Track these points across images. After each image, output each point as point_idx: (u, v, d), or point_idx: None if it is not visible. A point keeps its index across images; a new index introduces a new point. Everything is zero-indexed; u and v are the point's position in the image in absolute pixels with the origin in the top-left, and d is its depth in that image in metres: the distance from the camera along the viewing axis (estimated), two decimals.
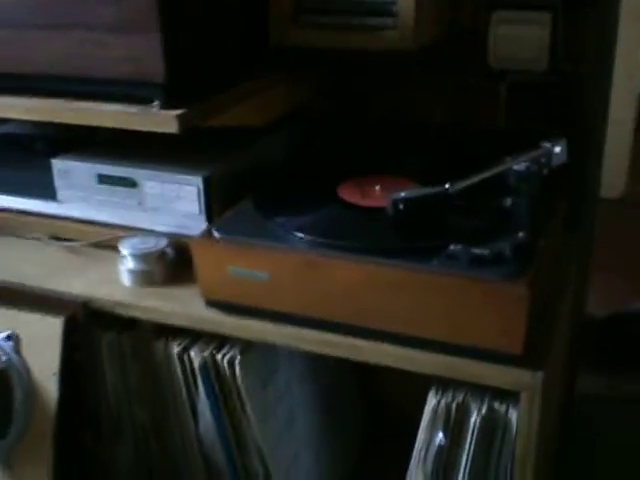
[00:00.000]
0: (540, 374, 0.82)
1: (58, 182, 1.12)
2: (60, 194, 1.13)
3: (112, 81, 0.95)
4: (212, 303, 0.95)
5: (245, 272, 0.89)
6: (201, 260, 0.92)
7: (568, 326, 1.12)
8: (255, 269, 0.89)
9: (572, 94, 1.12)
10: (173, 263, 1.04)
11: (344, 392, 1.29)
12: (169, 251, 1.05)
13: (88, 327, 1.03)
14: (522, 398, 0.83)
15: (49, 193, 1.13)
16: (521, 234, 0.86)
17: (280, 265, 0.88)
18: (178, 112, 0.92)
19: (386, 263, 0.84)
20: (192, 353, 1.01)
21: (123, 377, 1.09)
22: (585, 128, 1.12)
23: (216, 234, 0.92)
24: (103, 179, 1.09)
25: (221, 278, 0.91)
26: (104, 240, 1.10)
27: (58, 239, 1.14)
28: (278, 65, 1.14)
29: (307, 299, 0.88)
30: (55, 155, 1.12)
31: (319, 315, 0.89)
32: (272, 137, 1.17)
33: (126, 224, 1.10)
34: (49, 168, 1.12)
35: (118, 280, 1.04)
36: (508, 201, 0.94)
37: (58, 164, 1.11)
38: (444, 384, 0.91)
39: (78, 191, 1.11)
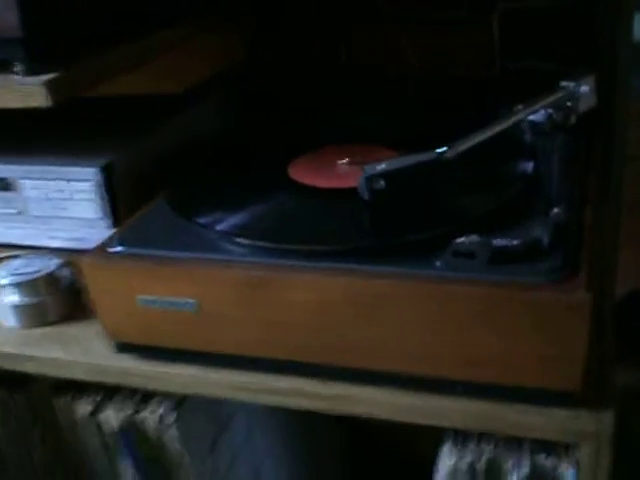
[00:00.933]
0: (608, 417, 0.55)
1: None
2: None
3: None
4: (122, 347, 0.67)
5: (162, 301, 0.61)
6: (98, 288, 0.63)
7: None
8: (176, 295, 0.61)
9: (585, 18, 0.85)
10: (71, 290, 0.76)
11: (324, 436, 1.01)
12: (64, 274, 0.76)
13: None
14: (583, 451, 0.56)
15: None
16: (557, 210, 0.59)
17: (211, 287, 0.60)
18: (47, 78, 0.64)
19: (366, 272, 0.56)
20: (107, 414, 0.73)
21: (25, 447, 0.81)
22: (605, 62, 0.85)
23: (117, 248, 0.63)
24: None
25: (129, 311, 0.63)
26: None
27: None
28: (200, 10, 0.84)
29: (254, 333, 0.60)
30: None
31: (277, 355, 0.61)
32: (196, 107, 0.88)
33: (4, 241, 0.81)
34: None
35: None
36: (528, 166, 0.67)
37: None
38: (463, 434, 0.64)
39: None
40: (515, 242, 0.56)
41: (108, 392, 0.75)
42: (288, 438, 0.92)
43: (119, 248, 0.63)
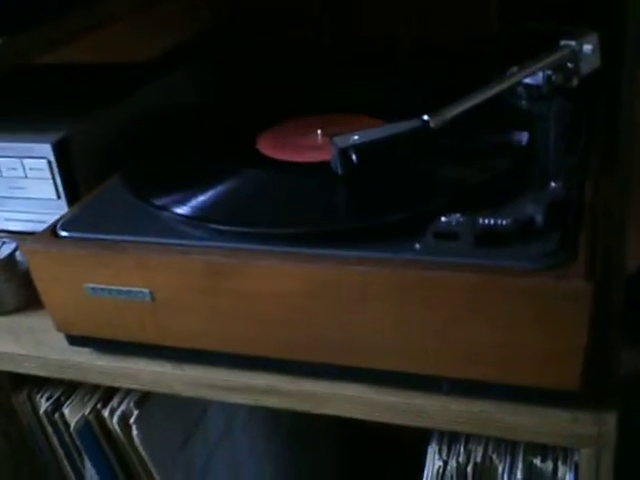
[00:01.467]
0: (612, 419, 0.49)
1: None
2: None
3: None
4: (74, 340, 0.60)
5: (113, 290, 0.55)
6: (44, 276, 0.57)
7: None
8: (128, 284, 0.54)
9: None
10: (29, 277, 0.69)
11: (313, 430, 0.94)
12: (22, 260, 0.70)
13: None
14: (583, 455, 0.50)
15: None
16: (554, 185, 0.52)
17: (167, 275, 0.53)
18: None
19: (336, 257, 0.49)
20: (66, 411, 0.67)
21: None
22: (612, 19, 0.77)
23: (62, 233, 0.57)
24: None
25: (79, 302, 0.57)
26: None
27: None
28: None
29: (217, 326, 0.54)
30: None
31: (241, 350, 0.55)
32: (165, 75, 0.81)
33: None
34: None
35: None
36: (523, 135, 0.60)
37: None
38: (450, 434, 0.57)
39: None
40: (505, 221, 0.49)
41: (69, 387, 0.69)
42: (272, 433, 0.85)
43: (64, 233, 0.56)
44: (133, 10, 0.73)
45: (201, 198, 0.56)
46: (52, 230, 0.57)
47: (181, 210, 0.55)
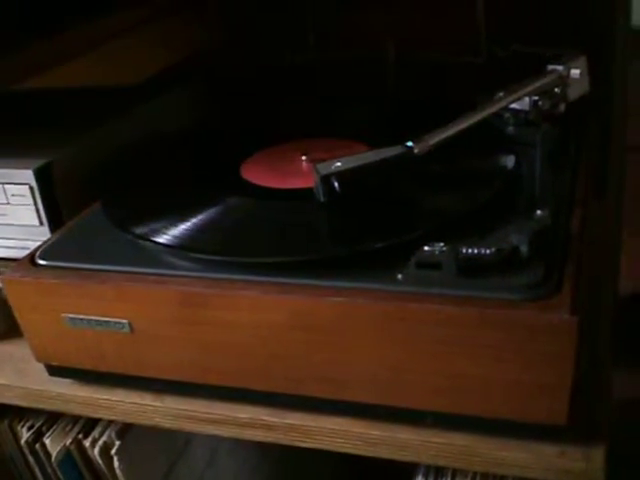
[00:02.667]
0: (599, 454, 0.47)
1: None
2: None
3: None
4: (54, 371, 0.59)
5: (92, 321, 0.54)
6: (22, 306, 0.56)
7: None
8: (107, 315, 0.53)
9: None
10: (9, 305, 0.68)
11: (302, 455, 0.93)
12: (1, 286, 0.69)
13: None
14: None
15: None
16: (540, 213, 0.51)
17: (145, 306, 0.52)
18: None
19: (316, 288, 0.48)
20: (47, 441, 0.65)
21: None
22: (601, 39, 0.77)
23: (40, 262, 0.56)
24: None
25: (57, 332, 0.56)
26: None
27: None
28: None
29: (198, 357, 0.53)
30: None
31: (223, 381, 0.54)
32: (152, 102, 0.80)
33: None
34: None
35: None
36: (509, 161, 0.59)
37: None
38: (436, 467, 0.56)
39: None
40: (489, 251, 0.48)
41: (50, 416, 0.68)
42: (260, 460, 0.84)
43: (42, 261, 0.55)
44: (122, 33, 0.73)
45: (182, 227, 0.55)
46: (30, 258, 0.56)
47: (161, 239, 0.54)
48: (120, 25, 0.73)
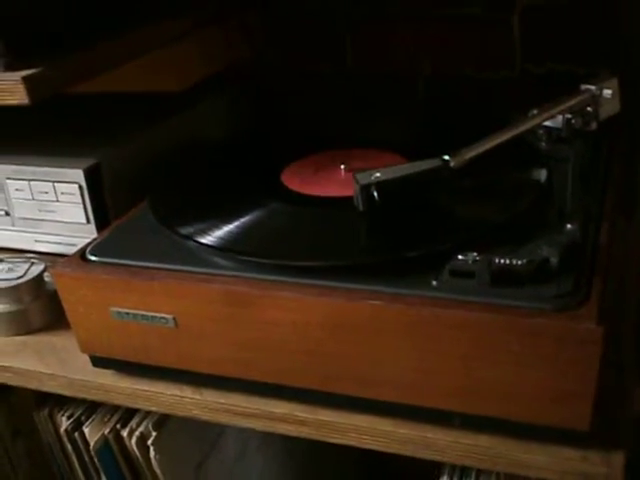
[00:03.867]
0: (619, 459, 0.50)
1: None
2: None
3: None
4: (98, 361, 0.62)
5: (138, 315, 0.57)
6: (71, 299, 0.59)
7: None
8: (153, 310, 0.56)
9: (613, 17, 0.79)
10: (56, 298, 0.71)
11: (330, 452, 0.95)
12: (49, 280, 0.72)
13: None
14: None
15: None
16: (570, 227, 0.53)
17: (190, 303, 0.55)
18: (26, 73, 0.61)
19: (353, 291, 0.51)
20: (87, 430, 0.68)
21: (8, 459, 0.78)
22: (634, 62, 0.79)
23: (90, 258, 0.59)
24: None
25: (104, 325, 0.59)
26: None
27: None
28: (200, 3, 0.80)
29: (237, 353, 0.56)
30: None
31: (260, 377, 0.57)
32: (195, 106, 0.83)
33: None
34: None
35: None
36: (542, 176, 0.62)
37: None
38: (461, 468, 0.58)
39: None
40: (520, 262, 0.50)
41: (90, 406, 0.71)
42: (287, 458, 0.87)
43: (93, 257, 0.58)
44: (167, 41, 0.76)
45: (225, 229, 0.58)
46: (81, 254, 0.59)
47: (206, 240, 0.57)
48: (165, 34, 0.76)
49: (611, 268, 0.54)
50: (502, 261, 0.50)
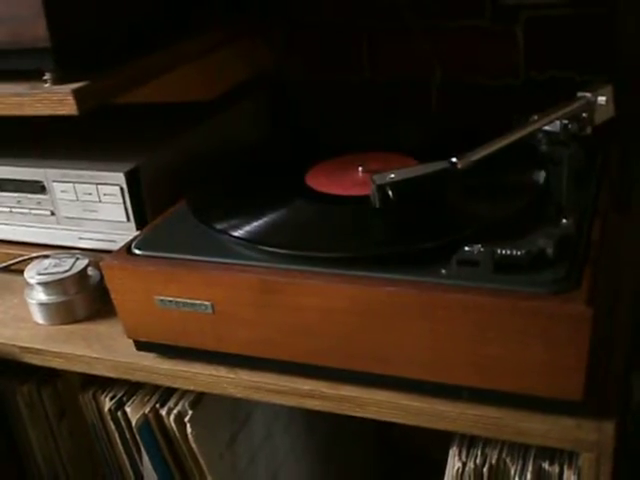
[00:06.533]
0: (609, 427, 0.56)
1: None
2: None
3: None
4: (141, 345, 0.69)
5: (179, 303, 0.63)
6: (118, 289, 0.66)
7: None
8: (193, 298, 0.63)
9: (609, 27, 0.85)
10: (99, 289, 0.78)
11: (349, 432, 1.02)
12: (93, 274, 0.79)
13: None
14: (584, 460, 0.57)
15: None
16: (565, 222, 0.60)
17: (227, 291, 0.62)
18: (75, 86, 0.68)
19: (372, 279, 0.57)
20: (128, 409, 0.75)
21: (54, 439, 0.84)
22: (630, 71, 0.85)
23: (136, 251, 0.65)
24: (4, 185, 0.83)
25: (148, 312, 0.65)
26: (12, 264, 0.84)
27: None
28: (228, 18, 0.87)
29: (269, 336, 0.63)
30: None
31: (288, 357, 0.63)
32: (224, 114, 0.90)
33: (38, 241, 0.84)
34: None
35: (29, 317, 0.78)
36: (541, 176, 0.68)
37: None
38: (470, 438, 0.65)
39: None
40: (520, 252, 0.56)
41: (131, 388, 0.78)
42: (310, 438, 0.93)
43: (138, 251, 0.65)
44: (199, 54, 0.83)
45: (258, 224, 0.65)
46: (127, 248, 0.66)
47: (239, 234, 0.64)
48: (198, 48, 0.83)
49: (604, 258, 0.60)
50: (504, 251, 0.56)
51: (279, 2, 0.94)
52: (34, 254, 0.82)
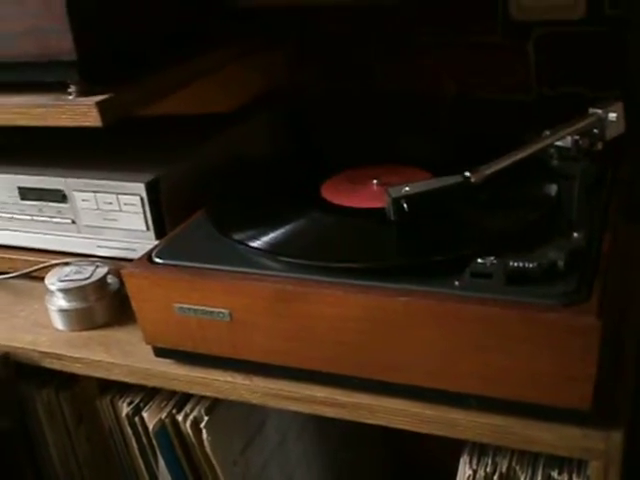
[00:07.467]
0: (617, 436, 0.57)
1: None
2: None
3: (12, 65, 0.72)
4: (160, 352, 0.71)
5: (198, 310, 0.65)
6: (139, 296, 0.68)
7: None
8: (211, 306, 0.65)
9: (620, 45, 0.87)
10: (118, 297, 0.80)
11: (360, 441, 1.04)
12: (112, 281, 0.81)
13: (13, 386, 0.80)
14: (592, 469, 0.59)
15: None
16: (576, 235, 0.61)
17: (244, 299, 0.63)
18: (99, 98, 0.69)
19: (386, 289, 0.59)
20: (145, 415, 0.77)
21: (71, 444, 0.86)
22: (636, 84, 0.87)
23: (156, 260, 0.67)
24: (26, 193, 0.85)
25: (167, 319, 0.67)
26: (33, 271, 0.86)
27: None
28: (244, 33, 0.89)
29: (284, 344, 0.64)
30: None
31: (303, 365, 0.65)
32: (241, 126, 0.92)
33: (59, 249, 0.86)
34: None
35: (49, 323, 0.80)
36: (552, 190, 0.70)
37: None
38: (480, 447, 0.66)
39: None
40: (532, 264, 0.58)
41: (148, 393, 0.79)
42: (321, 446, 0.95)
43: (158, 260, 0.67)
44: (218, 67, 0.85)
45: (274, 235, 0.66)
46: (148, 257, 0.68)
47: (257, 244, 0.65)
48: (217, 62, 0.85)
49: (613, 271, 0.62)
50: (516, 264, 0.58)
51: (293, 16, 0.95)
52: (55, 261, 0.84)
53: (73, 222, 0.84)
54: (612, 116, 0.71)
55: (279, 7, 0.88)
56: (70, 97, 0.70)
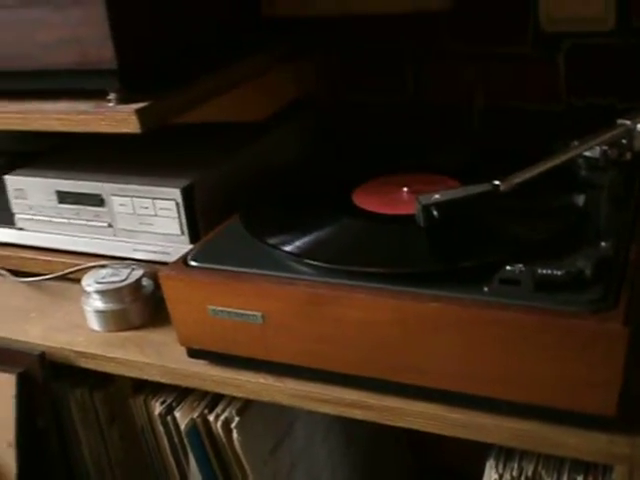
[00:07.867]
0: None
1: (14, 203, 0.91)
2: (17, 217, 0.91)
3: (54, 72, 0.74)
4: (193, 353, 0.73)
5: (231, 313, 0.67)
6: (174, 298, 0.70)
7: None
8: (244, 308, 0.66)
9: None
10: (153, 299, 0.82)
11: (385, 444, 1.05)
12: (147, 284, 0.83)
13: (48, 385, 0.82)
14: (617, 474, 0.59)
15: (5, 217, 0.92)
16: (604, 244, 0.62)
17: (277, 302, 0.65)
18: (138, 106, 0.72)
19: (416, 294, 0.60)
20: (178, 414, 0.79)
21: (104, 443, 0.88)
22: None
23: (192, 263, 0.69)
24: (64, 197, 0.87)
25: (201, 321, 0.69)
26: (70, 272, 0.88)
27: (18, 273, 0.93)
28: (276, 42, 0.91)
29: (315, 346, 0.66)
30: (8, 171, 0.91)
31: (333, 367, 0.66)
32: (273, 134, 0.94)
33: (95, 251, 0.88)
34: (2, 187, 0.91)
35: (84, 323, 0.82)
36: (580, 199, 0.71)
37: (12, 181, 0.90)
38: (506, 451, 0.67)
39: (37, 214, 0.90)
40: (560, 272, 0.59)
41: (181, 393, 0.81)
42: (347, 449, 0.96)
43: (194, 263, 0.69)
44: (253, 75, 0.87)
45: (307, 240, 0.68)
46: (184, 260, 0.70)
47: (290, 249, 0.67)
48: (249, 71, 0.87)
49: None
50: (544, 271, 0.59)
51: (325, 25, 0.97)
52: (91, 263, 0.86)
53: (110, 225, 0.86)
54: None
55: (312, 16, 0.89)
56: (110, 104, 0.73)
